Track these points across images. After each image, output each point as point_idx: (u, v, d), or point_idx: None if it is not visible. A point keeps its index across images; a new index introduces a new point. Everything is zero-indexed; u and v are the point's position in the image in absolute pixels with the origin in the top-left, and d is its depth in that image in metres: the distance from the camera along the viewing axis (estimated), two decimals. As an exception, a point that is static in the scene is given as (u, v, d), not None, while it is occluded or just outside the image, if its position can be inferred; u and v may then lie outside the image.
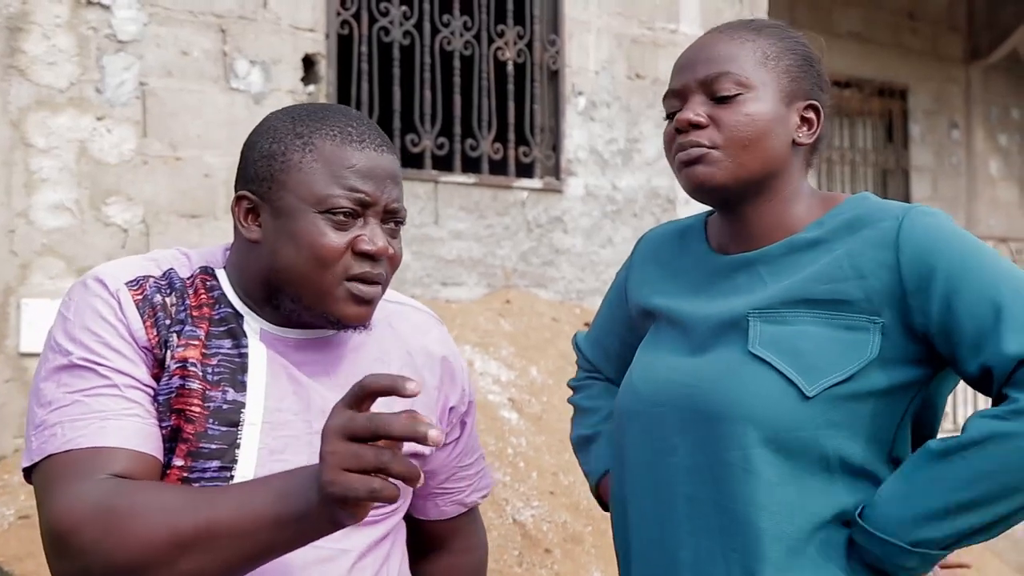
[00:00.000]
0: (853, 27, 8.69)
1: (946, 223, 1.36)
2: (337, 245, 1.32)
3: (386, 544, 1.41)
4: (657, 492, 1.42)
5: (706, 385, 1.38)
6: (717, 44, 1.45)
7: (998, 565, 5.62)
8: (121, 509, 1.16)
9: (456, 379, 1.53)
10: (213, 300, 1.37)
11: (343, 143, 1.34)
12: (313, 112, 1.38)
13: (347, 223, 1.33)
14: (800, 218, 1.45)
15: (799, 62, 1.46)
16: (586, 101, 5.78)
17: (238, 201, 1.37)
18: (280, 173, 1.34)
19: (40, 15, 4.19)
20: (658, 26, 6.03)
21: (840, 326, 1.34)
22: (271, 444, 1.31)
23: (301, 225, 1.32)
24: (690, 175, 1.42)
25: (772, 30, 1.48)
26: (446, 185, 5.28)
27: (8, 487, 3.70)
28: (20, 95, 4.13)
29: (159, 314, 1.31)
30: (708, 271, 1.50)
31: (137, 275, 1.33)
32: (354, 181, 1.33)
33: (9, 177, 4.10)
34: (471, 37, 5.51)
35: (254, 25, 4.69)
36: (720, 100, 1.41)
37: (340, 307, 1.33)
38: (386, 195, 1.35)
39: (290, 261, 1.32)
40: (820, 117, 1.46)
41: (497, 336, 4.76)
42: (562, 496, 3.92)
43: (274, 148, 1.35)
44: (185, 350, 1.30)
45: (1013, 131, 9.93)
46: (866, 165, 8.96)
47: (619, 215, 5.85)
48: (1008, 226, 9.44)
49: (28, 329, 4.07)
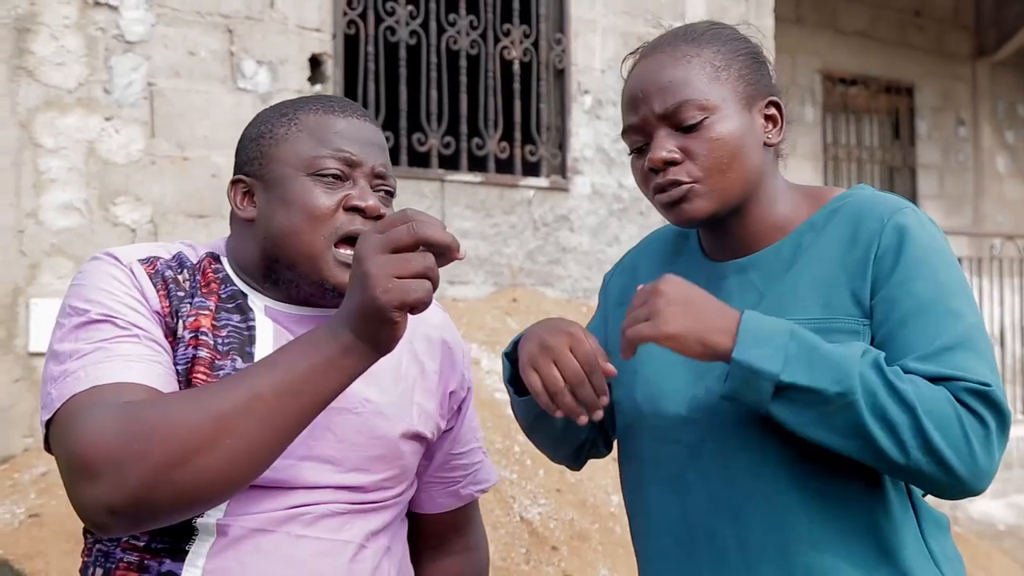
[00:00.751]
0: (859, 25, 8.68)
1: (928, 228, 1.35)
2: (327, 203, 1.35)
3: (385, 536, 1.42)
4: (675, 526, 1.40)
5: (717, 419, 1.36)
6: (664, 69, 1.40)
7: (1007, 563, 5.62)
8: (152, 413, 1.15)
9: (456, 365, 1.54)
10: (220, 280, 1.40)
11: (326, 113, 1.40)
12: (296, 99, 1.45)
13: (336, 184, 1.37)
14: (787, 217, 1.44)
15: (748, 63, 1.43)
16: (592, 99, 5.78)
17: (233, 185, 1.42)
18: (269, 148, 1.39)
19: (48, 16, 4.21)
20: (664, 24, 6.03)
21: (835, 330, 1.33)
22: None
23: (292, 189, 1.36)
24: (678, 214, 1.40)
25: (710, 36, 1.44)
26: (452, 184, 5.29)
27: (18, 486, 3.72)
28: (29, 96, 4.15)
29: (171, 286, 1.34)
30: (701, 277, 1.47)
31: (148, 255, 1.37)
32: (339, 143, 1.38)
33: (18, 177, 4.12)
34: (477, 36, 5.52)
35: (261, 25, 4.70)
36: (686, 129, 1.37)
37: (332, 273, 1.35)
38: (372, 158, 1.39)
39: (283, 225, 1.35)
40: (781, 111, 1.44)
41: (504, 334, 4.77)
42: (569, 494, 3.93)
43: (262, 129, 1.42)
44: (196, 319, 1.32)
45: (1020, 128, 9.91)
46: (873, 162, 8.95)
47: (625, 213, 5.86)
48: (1015, 223, 9.42)
49: (37, 329, 4.09)
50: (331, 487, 1.34)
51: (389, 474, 1.41)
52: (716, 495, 1.35)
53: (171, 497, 1.14)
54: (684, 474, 1.38)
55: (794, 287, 1.38)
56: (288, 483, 1.31)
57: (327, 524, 1.33)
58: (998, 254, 7.33)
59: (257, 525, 1.29)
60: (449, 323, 1.57)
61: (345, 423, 1.37)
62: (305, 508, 1.32)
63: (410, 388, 1.46)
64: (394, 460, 1.42)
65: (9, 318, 4.07)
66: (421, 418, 1.46)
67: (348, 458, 1.36)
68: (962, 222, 9.26)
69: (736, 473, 1.34)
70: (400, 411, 1.43)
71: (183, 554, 1.27)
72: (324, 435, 1.34)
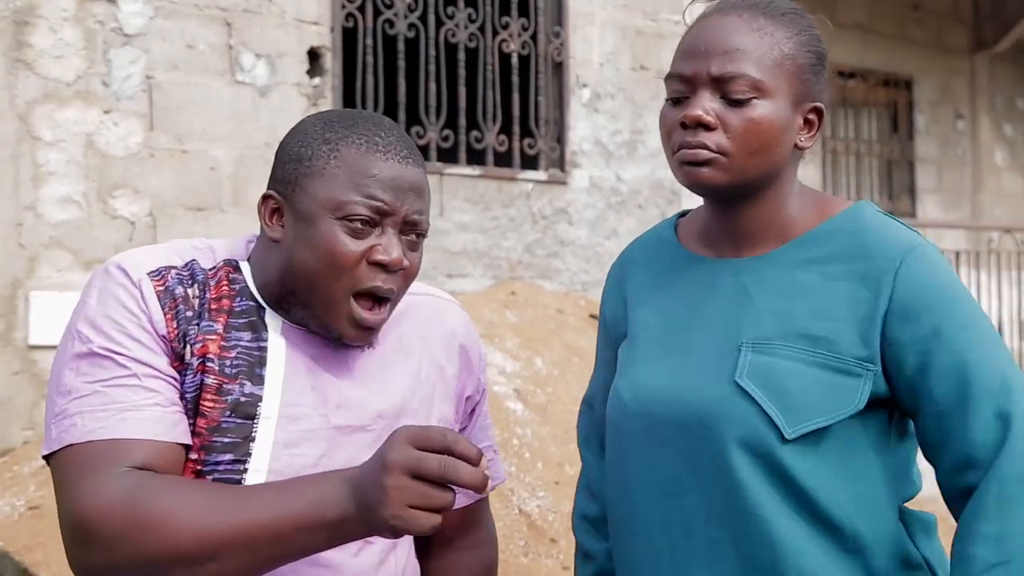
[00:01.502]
0: (858, 18, 8.68)
1: (942, 273, 1.34)
2: (352, 252, 1.32)
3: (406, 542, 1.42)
4: (670, 531, 1.39)
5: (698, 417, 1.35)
6: (735, 33, 1.36)
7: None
8: (148, 505, 1.18)
9: (473, 369, 1.54)
10: (235, 292, 1.37)
11: (368, 151, 1.34)
12: (344, 118, 1.39)
13: (364, 231, 1.33)
14: (793, 219, 1.42)
15: (813, 61, 1.40)
16: (590, 93, 5.78)
17: (264, 200, 1.38)
18: (304, 177, 1.35)
19: (47, 9, 4.21)
20: (662, 17, 6.03)
21: (837, 369, 1.32)
22: (286, 438, 1.32)
23: (319, 229, 1.32)
24: (692, 174, 1.37)
25: (791, 18, 1.40)
26: (451, 177, 5.30)
27: (18, 478, 3.73)
28: (27, 88, 4.15)
29: (180, 306, 1.31)
30: (687, 277, 1.46)
31: (159, 265, 1.33)
32: (374, 189, 1.33)
33: (16, 170, 4.12)
34: (476, 29, 5.52)
35: (259, 18, 4.70)
36: (732, 102, 1.35)
37: (344, 327, 1.34)
38: (406, 206, 1.35)
39: (305, 264, 1.33)
40: (821, 119, 1.41)
41: (502, 327, 4.78)
42: (567, 486, 3.94)
43: (302, 152, 1.36)
44: (204, 345, 1.31)
45: (1018, 121, 9.91)
46: (871, 156, 8.95)
47: (624, 206, 5.86)
48: (1013, 216, 9.42)
49: (36, 321, 4.10)
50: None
51: None
52: (712, 500, 1.34)
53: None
54: (680, 480, 1.37)
55: (797, 310, 1.35)
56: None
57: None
58: (996, 247, 7.34)
59: None
60: (469, 326, 1.56)
61: (360, 442, 1.36)
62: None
63: (430, 394, 1.46)
64: None
65: (8, 311, 4.08)
66: (440, 424, 1.46)
67: None
68: (960, 215, 9.27)
69: (728, 484, 1.33)
70: (418, 422, 1.41)
71: None
72: (333, 456, 1.34)
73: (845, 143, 8.74)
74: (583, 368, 4.69)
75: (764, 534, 1.31)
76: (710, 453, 1.34)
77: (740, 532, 1.33)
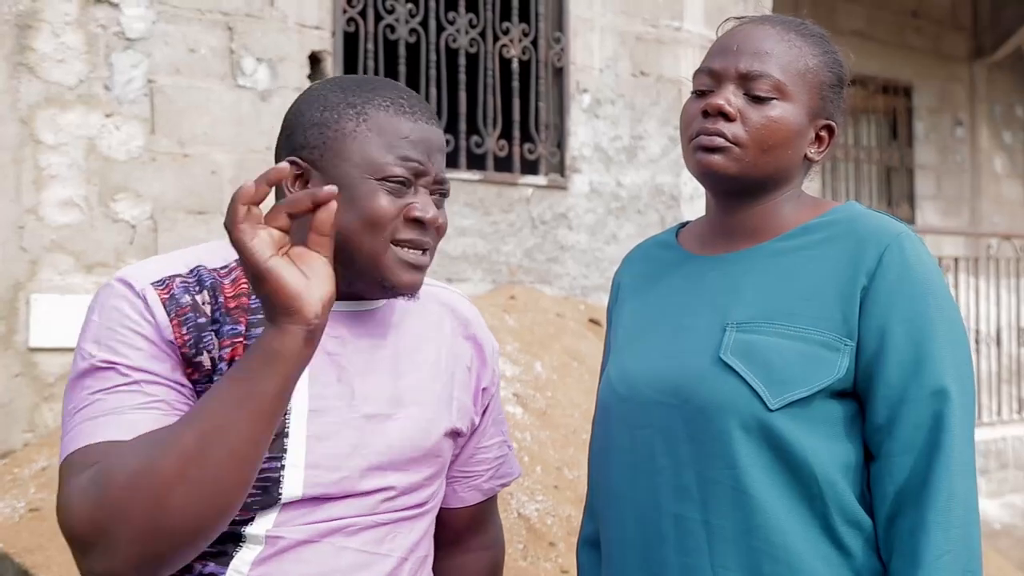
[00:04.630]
0: (857, 25, 8.71)
1: (925, 265, 1.38)
2: (392, 210, 1.34)
3: (423, 546, 1.43)
4: (641, 510, 1.43)
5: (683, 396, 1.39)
6: (767, 39, 1.46)
7: (1001, 562, 5.64)
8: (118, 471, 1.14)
9: (487, 360, 1.55)
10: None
11: (396, 114, 1.37)
12: (363, 83, 1.40)
13: (400, 191, 1.35)
14: (787, 218, 1.47)
15: (833, 81, 1.49)
16: (591, 98, 5.80)
17: (288, 167, 1.36)
18: (333, 141, 1.35)
19: (49, 13, 4.22)
20: (662, 24, 6.05)
21: (816, 342, 1.36)
22: (318, 431, 1.32)
23: (358, 191, 1.34)
24: (705, 161, 1.43)
25: (818, 40, 1.50)
26: (451, 182, 5.28)
27: (18, 481, 3.73)
28: (29, 92, 4.17)
29: (190, 314, 1.30)
30: (680, 271, 1.51)
31: (163, 275, 1.32)
32: (408, 151, 1.36)
33: (18, 174, 4.13)
34: (476, 35, 5.53)
35: (261, 23, 4.72)
36: (754, 98, 1.43)
37: (393, 272, 1.35)
38: (436, 166, 1.39)
39: (344, 225, 1.32)
40: (832, 137, 1.49)
41: (502, 332, 4.79)
42: (567, 490, 3.94)
43: (326, 116, 1.37)
44: (233, 349, 1.30)
45: (1017, 128, 9.93)
46: (870, 163, 8.97)
47: (624, 212, 5.88)
48: (1011, 223, 9.44)
49: (37, 325, 4.11)
50: (379, 490, 1.35)
51: (429, 472, 1.42)
52: (684, 480, 1.38)
53: (168, 543, 1.14)
54: (654, 459, 1.41)
55: (782, 290, 1.40)
56: (336, 494, 1.32)
57: (369, 536, 1.34)
58: (995, 254, 7.35)
59: (304, 536, 1.30)
60: (479, 318, 1.58)
61: (386, 429, 1.37)
62: (351, 520, 1.33)
63: (449, 382, 1.47)
64: (434, 458, 1.43)
65: (10, 314, 4.09)
66: (459, 413, 1.47)
67: (393, 462, 1.37)
68: (959, 222, 9.29)
69: (706, 459, 1.36)
70: (440, 409, 1.43)
71: (228, 558, 1.28)
72: (366, 444, 1.35)
73: (844, 150, 8.76)
74: (582, 373, 4.70)
75: (746, 507, 1.34)
76: (691, 430, 1.38)
77: (714, 507, 1.36)
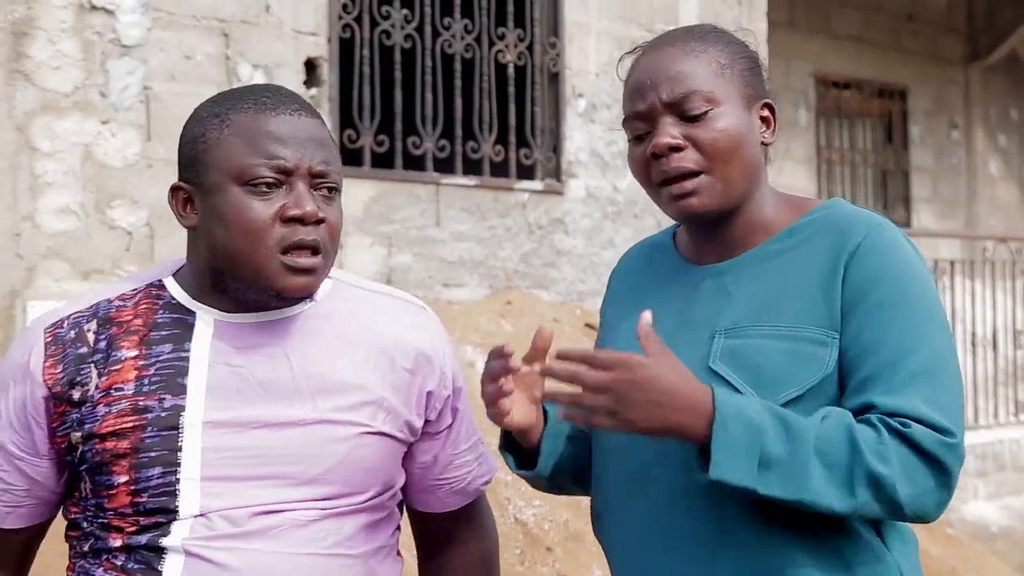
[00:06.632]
0: (852, 29, 8.72)
1: (903, 253, 1.37)
2: (262, 217, 1.30)
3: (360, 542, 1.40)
4: (638, 519, 1.42)
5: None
6: (674, 61, 1.44)
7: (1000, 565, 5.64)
8: None
9: (434, 363, 1.48)
10: (158, 307, 1.37)
11: (258, 112, 1.33)
12: (232, 92, 1.39)
13: (271, 193, 1.31)
14: (771, 220, 1.46)
15: (749, 64, 1.48)
16: (586, 103, 5.81)
17: (174, 193, 1.39)
18: (202, 153, 1.34)
19: (45, 20, 4.22)
20: (658, 28, 6.06)
21: (803, 339, 1.35)
22: (215, 443, 1.31)
23: (226, 201, 1.32)
24: (685, 206, 1.41)
25: (715, 36, 1.50)
26: (447, 187, 5.31)
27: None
28: (25, 99, 4.17)
29: (69, 349, 1.34)
30: (675, 282, 1.50)
31: (62, 315, 1.37)
32: (272, 147, 1.31)
33: (15, 181, 4.13)
34: (472, 40, 5.54)
35: (256, 29, 4.72)
36: (691, 119, 1.40)
37: (278, 280, 1.31)
38: (308, 157, 1.32)
39: (222, 240, 1.32)
40: (775, 114, 1.48)
41: (499, 337, 4.79)
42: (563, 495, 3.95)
43: (195, 131, 1.36)
44: (108, 378, 1.32)
45: (1012, 131, 9.95)
46: (866, 166, 8.98)
47: (620, 216, 5.88)
48: (1008, 226, 9.46)
49: (34, 331, 4.11)
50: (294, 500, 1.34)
51: (352, 478, 1.38)
52: (677, 489, 1.37)
53: None
54: (649, 468, 1.40)
55: (768, 291, 1.40)
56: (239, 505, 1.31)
57: (297, 535, 1.33)
58: (991, 256, 7.36)
59: (228, 545, 1.30)
60: (427, 322, 1.51)
61: (291, 436, 1.34)
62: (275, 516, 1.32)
63: (378, 387, 1.41)
64: (354, 464, 1.38)
65: (6, 321, 4.09)
66: (386, 418, 1.42)
67: (302, 472, 1.34)
68: (955, 225, 9.30)
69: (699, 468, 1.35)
70: (354, 416, 1.39)
71: (157, 574, 1.29)
72: (272, 451, 1.33)
73: (840, 153, 8.77)
74: (579, 377, 4.69)
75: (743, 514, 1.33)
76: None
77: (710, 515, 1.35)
